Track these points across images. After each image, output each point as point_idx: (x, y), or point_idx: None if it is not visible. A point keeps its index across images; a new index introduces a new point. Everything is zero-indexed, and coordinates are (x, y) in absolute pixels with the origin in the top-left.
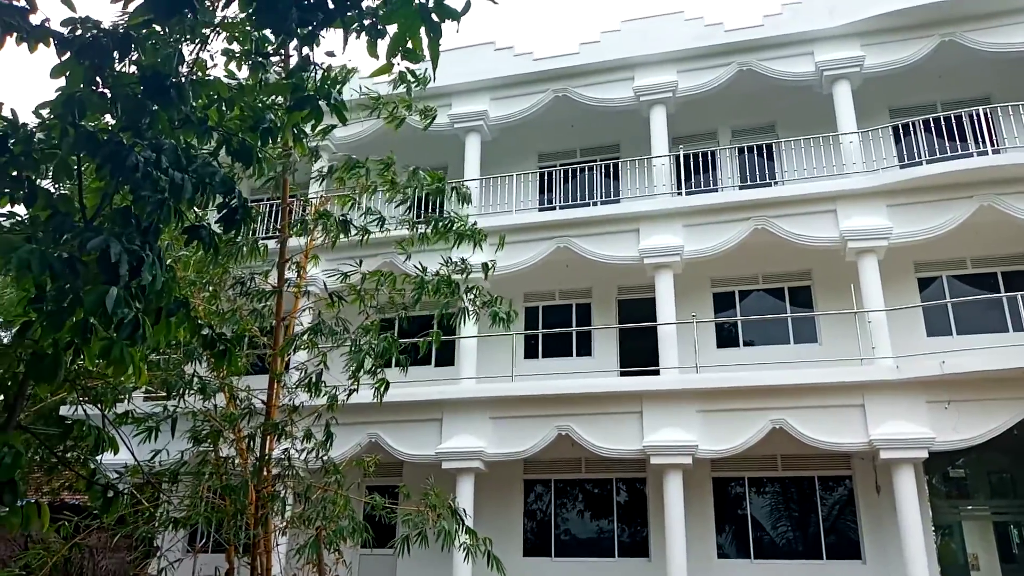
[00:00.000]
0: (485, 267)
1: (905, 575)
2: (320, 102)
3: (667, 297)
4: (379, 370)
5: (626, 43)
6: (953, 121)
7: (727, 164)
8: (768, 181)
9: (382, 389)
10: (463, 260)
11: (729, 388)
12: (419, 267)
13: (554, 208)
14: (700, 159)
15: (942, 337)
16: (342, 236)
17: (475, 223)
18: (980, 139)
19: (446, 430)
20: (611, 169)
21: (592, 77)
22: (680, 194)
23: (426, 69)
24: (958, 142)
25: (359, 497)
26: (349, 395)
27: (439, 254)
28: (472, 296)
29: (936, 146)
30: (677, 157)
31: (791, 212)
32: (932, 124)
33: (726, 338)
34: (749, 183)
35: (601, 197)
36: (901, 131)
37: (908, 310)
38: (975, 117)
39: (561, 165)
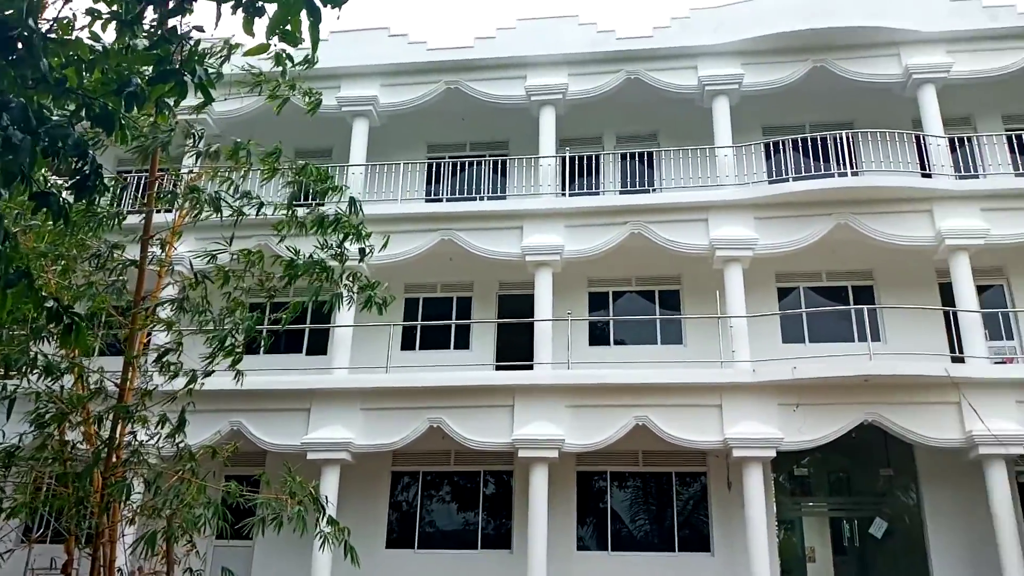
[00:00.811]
0: (362, 252)
1: (749, 566)
2: (186, 77)
3: (546, 294)
4: (240, 352)
5: (520, 41)
6: (819, 143)
7: (610, 169)
8: (647, 188)
9: (236, 364)
10: (340, 245)
11: (597, 385)
12: (291, 249)
13: (441, 200)
14: (585, 162)
15: (796, 344)
16: (214, 215)
17: (361, 223)
18: (842, 161)
19: (314, 420)
20: (499, 165)
21: (485, 72)
22: (564, 195)
23: (307, 55)
24: (822, 163)
25: (215, 485)
26: (207, 376)
27: (316, 239)
28: (349, 281)
29: (802, 165)
30: (563, 158)
31: (666, 219)
32: (800, 144)
33: (599, 336)
34: (629, 188)
35: (488, 192)
36: (772, 148)
37: (767, 317)
38: (839, 140)
39: (450, 157)
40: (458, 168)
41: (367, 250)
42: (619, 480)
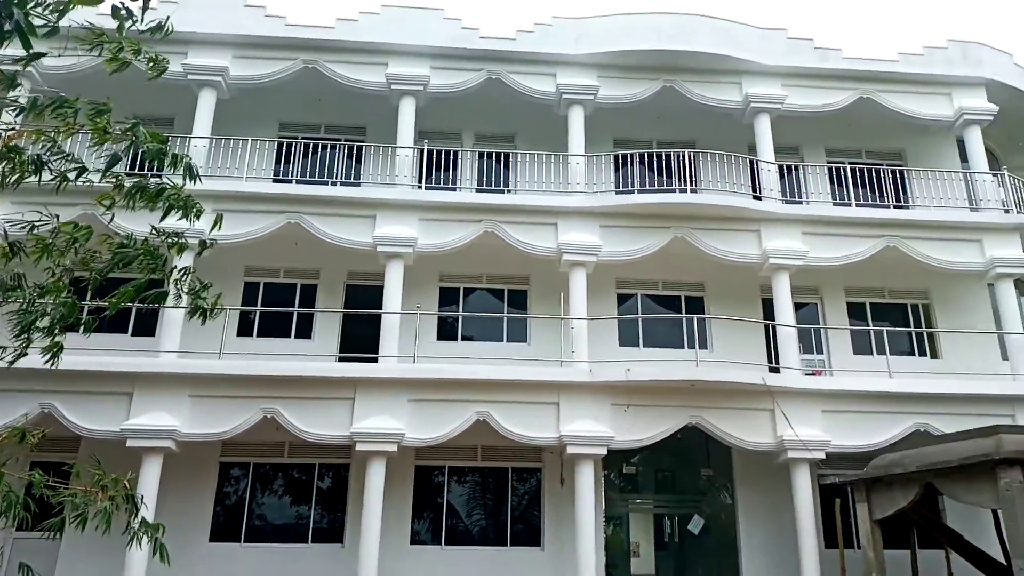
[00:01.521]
0: (203, 245)
1: (576, 561)
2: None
3: (395, 287)
4: (56, 332)
5: (383, 28)
6: (664, 159)
7: (467, 166)
8: (502, 188)
9: (55, 352)
10: (178, 234)
11: (440, 379)
12: (119, 228)
13: (290, 182)
14: (443, 156)
15: (632, 348)
16: (33, 178)
17: (189, 196)
18: (683, 178)
19: (136, 405)
20: (355, 151)
21: (345, 55)
22: (420, 187)
23: (159, 21)
24: (666, 178)
25: (17, 473)
26: (16, 359)
27: (150, 219)
28: (178, 277)
29: (647, 179)
30: (421, 151)
31: (519, 220)
32: (647, 159)
33: (448, 332)
34: (485, 187)
35: (341, 178)
36: (621, 161)
37: (606, 321)
38: (681, 158)
39: (303, 138)
40: (311, 150)
41: (208, 243)
42: (457, 475)
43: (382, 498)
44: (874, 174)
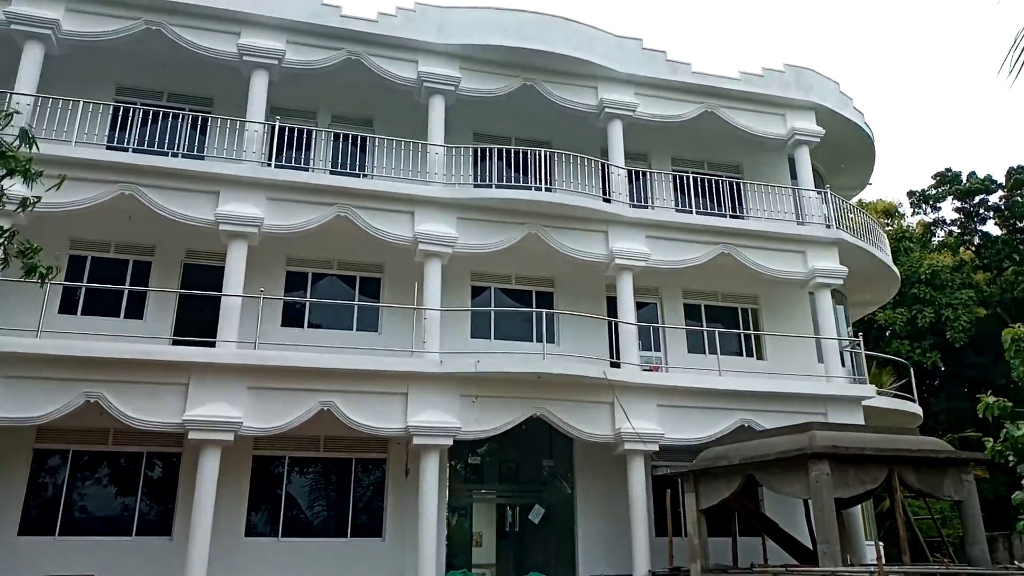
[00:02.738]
0: (24, 202)
1: (417, 551)
2: None
3: (238, 268)
4: None
5: None
6: (522, 156)
7: (321, 146)
8: (358, 172)
9: None
10: None
11: (283, 367)
12: None
13: (126, 150)
14: (296, 135)
15: (483, 340)
16: None
17: (30, 159)
18: (539, 176)
19: None
20: (200, 123)
21: (195, 19)
22: (269, 165)
23: None
24: (522, 175)
25: None
26: None
27: None
28: (3, 240)
29: (505, 175)
30: (273, 127)
31: (374, 206)
32: (505, 154)
33: (294, 318)
34: (340, 170)
35: (183, 150)
36: (480, 154)
37: (459, 312)
38: (538, 157)
39: (143, 104)
40: (151, 118)
41: (31, 200)
42: (299, 466)
43: (216, 489)
44: (714, 185)
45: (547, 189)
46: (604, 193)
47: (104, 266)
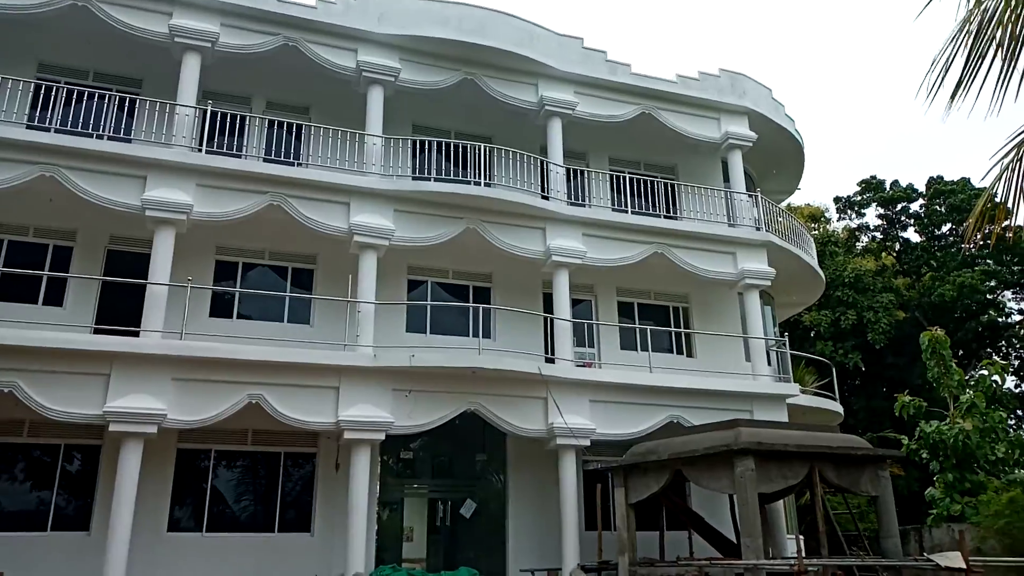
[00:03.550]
0: None
1: (346, 545)
2: None
3: (165, 255)
4: None
5: None
6: (461, 150)
7: (255, 133)
8: (293, 161)
9: None
10: None
11: (210, 358)
12: None
13: (48, 130)
14: (229, 120)
15: (419, 334)
16: None
17: None
18: (478, 171)
19: None
20: (128, 104)
21: None
22: (200, 150)
23: None
24: (462, 169)
25: None
26: None
27: None
28: None
29: (444, 168)
30: (204, 111)
31: (309, 196)
32: (445, 148)
33: (223, 308)
34: (274, 158)
35: (110, 132)
36: (419, 147)
37: (395, 306)
38: (478, 151)
39: (67, 83)
40: (75, 97)
41: None
42: (226, 459)
43: (137, 483)
44: (649, 185)
45: (486, 184)
46: (543, 190)
47: (22, 250)
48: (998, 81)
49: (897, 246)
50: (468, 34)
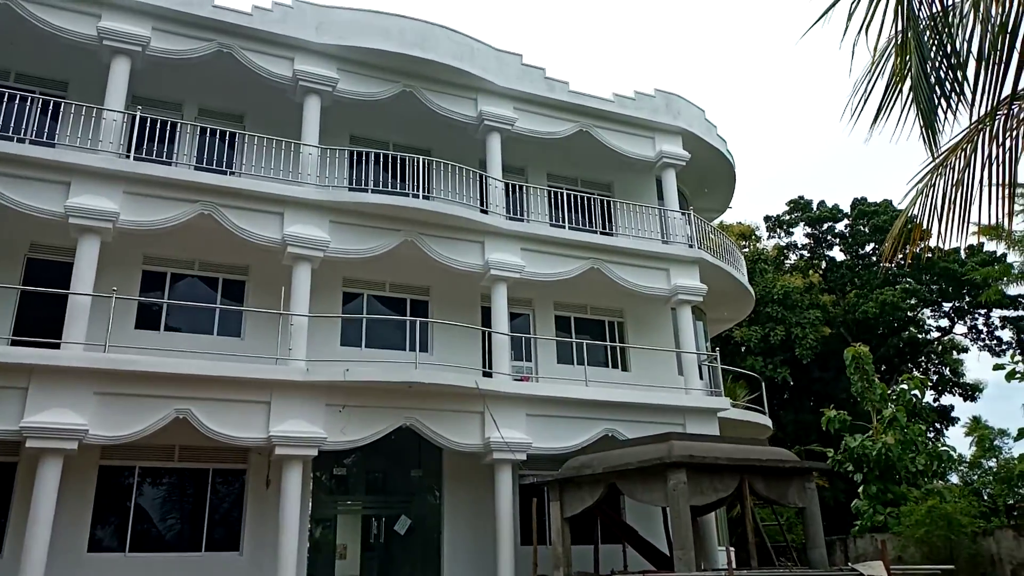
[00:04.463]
0: None
1: (276, 564)
2: None
3: (88, 265)
4: None
5: None
6: (400, 162)
7: (187, 141)
8: (225, 170)
9: None
10: None
11: (135, 372)
12: None
13: None
14: (159, 127)
15: (353, 348)
16: None
17: None
18: (417, 184)
19: None
20: (52, 107)
21: None
22: (128, 157)
23: None
24: (400, 182)
25: None
26: None
27: None
28: None
29: (382, 180)
30: (134, 117)
31: (241, 205)
32: (383, 159)
33: (150, 320)
34: (206, 166)
35: (32, 135)
36: (356, 158)
37: (329, 319)
38: (417, 164)
39: None
40: None
41: None
42: (151, 476)
43: (55, 502)
44: (586, 201)
45: (425, 197)
46: (482, 204)
47: None
48: (907, 102)
49: (823, 264)
50: (408, 47)
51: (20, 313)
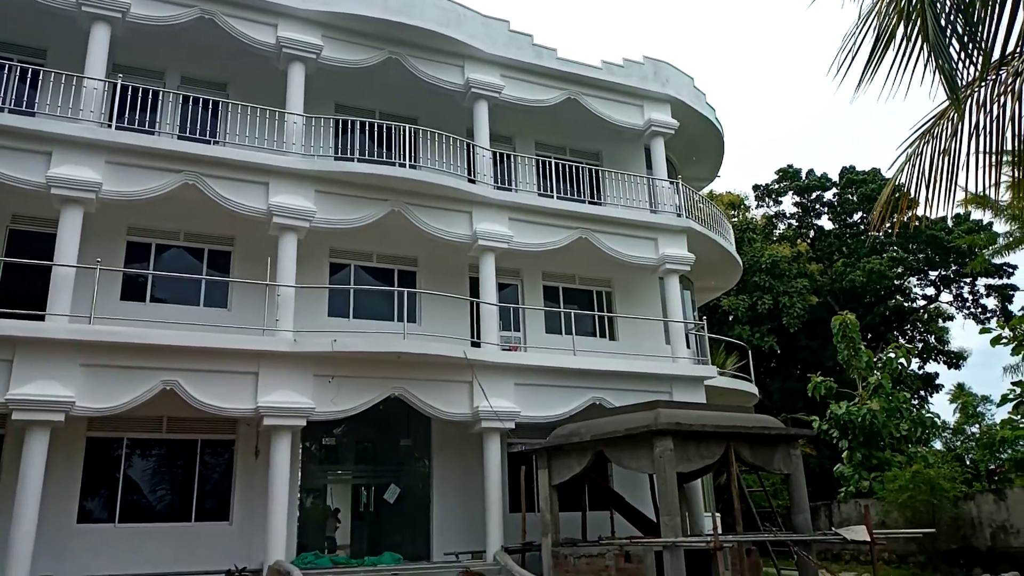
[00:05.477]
0: None
1: (266, 533)
2: None
3: (72, 236)
4: None
5: None
6: (386, 130)
7: (169, 109)
8: (209, 139)
9: None
10: None
11: (122, 343)
12: None
13: None
14: (141, 95)
15: (341, 318)
16: None
17: None
18: (403, 153)
19: None
20: (31, 76)
21: None
22: (110, 126)
23: None
24: (386, 151)
25: None
26: None
27: None
28: None
29: (367, 149)
30: (115, 85)
31: (226, 175)
32: (369, 128)
33: (135, 291)
34: (190, 135)
35: (11, 105)
36: (342, 126)
37: (317, 290)
38: (403, 132)
39: None
40: None
41: None
42: (139, 447)
43: (44, 473)
44: (574, 170)
45: (412, 166)
46: (469, 173)
47: None
48: (901, 60)
49: (811, 233)
50: (393, 12)
51: (3, 285)
